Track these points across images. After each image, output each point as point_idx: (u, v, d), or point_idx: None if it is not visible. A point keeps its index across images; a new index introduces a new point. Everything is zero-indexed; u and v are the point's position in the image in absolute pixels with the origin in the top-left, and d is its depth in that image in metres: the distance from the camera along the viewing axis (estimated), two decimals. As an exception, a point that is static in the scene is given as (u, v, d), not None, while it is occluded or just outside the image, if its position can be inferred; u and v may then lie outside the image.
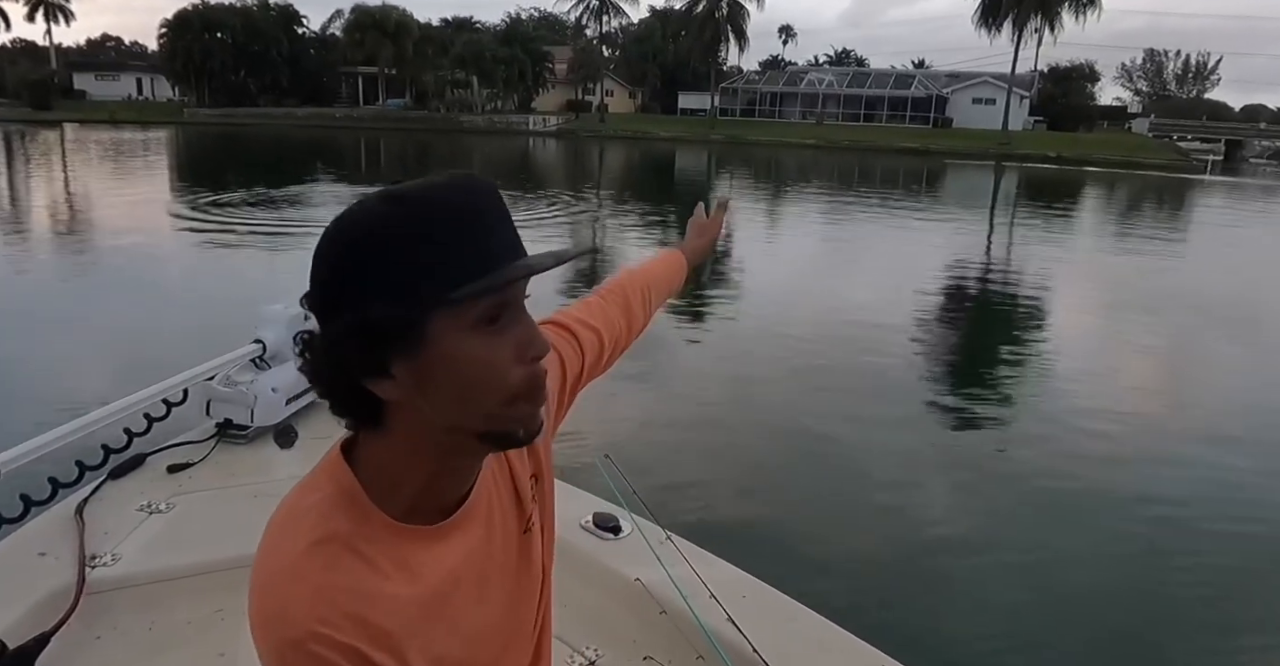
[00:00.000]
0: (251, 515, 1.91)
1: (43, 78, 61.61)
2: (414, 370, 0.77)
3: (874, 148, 46.98)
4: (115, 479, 2.16)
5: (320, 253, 0.78)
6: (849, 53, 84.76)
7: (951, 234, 18.03)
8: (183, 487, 2.16)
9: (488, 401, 0.79)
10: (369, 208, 0.77)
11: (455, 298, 0.75)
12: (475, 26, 67.11)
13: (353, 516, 0.81)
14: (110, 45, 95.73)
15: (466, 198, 0.78)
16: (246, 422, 2.40)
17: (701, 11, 59.53)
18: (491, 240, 0.78)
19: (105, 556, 1.82)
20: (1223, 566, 4.44)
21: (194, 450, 2.33)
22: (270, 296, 2.78)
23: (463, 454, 0.85)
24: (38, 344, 7.39)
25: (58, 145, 37.21)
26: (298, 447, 2.38)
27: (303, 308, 0.81)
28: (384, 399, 0.79)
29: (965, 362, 8.68)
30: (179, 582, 1.84)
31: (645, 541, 1.90)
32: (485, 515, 0.93)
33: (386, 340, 0.76)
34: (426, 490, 0.85)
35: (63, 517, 1.94)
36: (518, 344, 0.79)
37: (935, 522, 4.80)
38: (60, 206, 18.65)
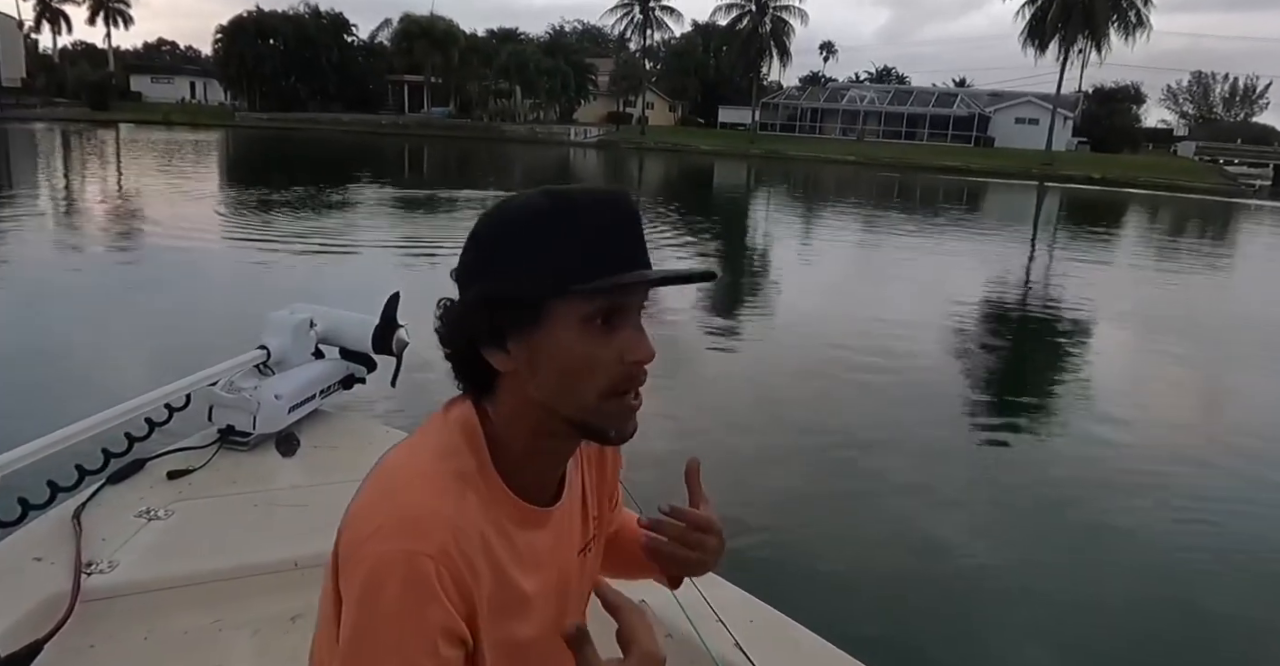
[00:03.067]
0: (251, 524, 2.06)
1: (101, 79, 63.34)
2: (527, 347, 0.85)
3: (915, 165, 46.61)
4: (114, 484, 2.12)
5: (474, 232, 0.89)
6: (890, 70, 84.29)
7: (992, 254, 17.79)
8: (182, 494, 2.12)
9: (584, 392, 0.86)
10: (526, 196, 0.87)
11: (575, 289, 0.82)
12: (520, 37, 67.81)
13: (478, 460, 0.89)
14: (166, 49, 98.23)
15: (610, 206, 0.86)
16: (249, 429, 2.37)
17: (745, 27, 59.63)
18: (621, 247, 0.86)
19: (102, 563, 1.79)
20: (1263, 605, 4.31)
21: (195, 456, 2.30)
22: (286, 300, 2.78)
23: (554, 436, 0.91)
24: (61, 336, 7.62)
25: (113, 144, 38.26)
26: (299, 456, 2.38)
27: (451, 279, 0.91)
28: (498, 370, 0.87)
29: (997, 384, 8.54)
30: (177, 592, 1.81)
31: None
32: (568, 523, 1.00)
33: (506, 314, 0.84)
34: (521, 461, 0.92)
35: (60, 522, 1.90)
36: (622, 346, 0.86)
37: (951, 546, 4.66)
38: (108, 202, 19.18)
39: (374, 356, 2.71)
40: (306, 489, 2.24)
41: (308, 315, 2.63)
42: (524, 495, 0.92)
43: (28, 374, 6.46)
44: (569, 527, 1.00)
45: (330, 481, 2.20)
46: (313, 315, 2.65)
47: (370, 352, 2.69)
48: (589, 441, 0.96)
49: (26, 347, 7.21)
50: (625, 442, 0.93)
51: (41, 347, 7.22)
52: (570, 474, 1.01)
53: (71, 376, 6.43)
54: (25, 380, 6.29)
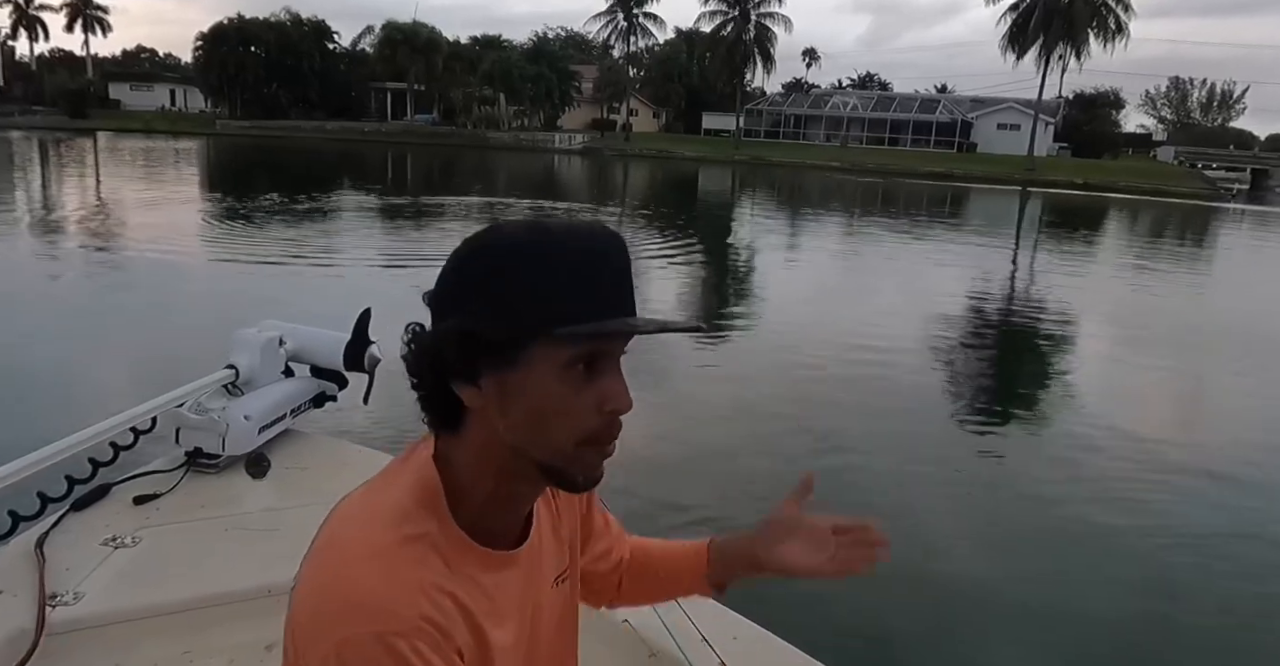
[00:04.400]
0: (222, 550, 1.99)
1: (80, 87, 62.82)
2: (500, 386, 0.82)
3: (899, 171, 46.84)
4: (78, 511, 2.05)
5: (453, 262, 0.85)
6: (873, 76, 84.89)
7: (975, 259, 17.85)
8: (150, 520, 2.06)
9: (557, 437, 0.83)
10: (510, 229, 0.83)
11: (556, 333, 0.79)
12: (503, 44, 67.74)
13: (437, 518, 0.84)
14: (145, 56, 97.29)
15: (596, 245, 0.82)
16: (217, 451, 2.31)
17: (729, 34, 59.83)
18: (607, 290, 0.82)
19: (67, 594, 1.73)
20: (1237, 606, 4.35)
21: (162, 480, 2.23)
22: (253, 317, 2.71)
23: (521, 479, 0.88)
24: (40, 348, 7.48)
25: (92, 152, 37.98)
26: (270, 477, 2.32)
27: (424, 303, 0.86)
28: (467, 406, 0.84)
29: (980, 390, 8.56)
30: (145, 623, 1.75)
31: None
32: (538, 557, 0.97)
33: (482, 351, 0.81)
34: (485, 507, 0.88)
35: (22, 553, 1.84)
36: (601, 394, 0.83)
37: (937, 560, 4.62)
38: (84, 211, 18.92)
39: (345, 373, 2.64)
40: (279, 512, 2.18)
41: (277, 333, 2.56)
42: (490, 540, 0.88)
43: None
44: (540, 561, 0.97)
45: (303, 504, 2.16)
46: (282, 332, 2.58)
47: (342, 370, 2.62)
48: (555, 488, 0.93)
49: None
50: (592, 488, 0.89)
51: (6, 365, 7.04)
52: (537, 511, 0.97)
53: (33, 397, 6.26)
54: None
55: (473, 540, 0.86)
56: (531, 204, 23.96)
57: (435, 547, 0.82)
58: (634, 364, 0.84)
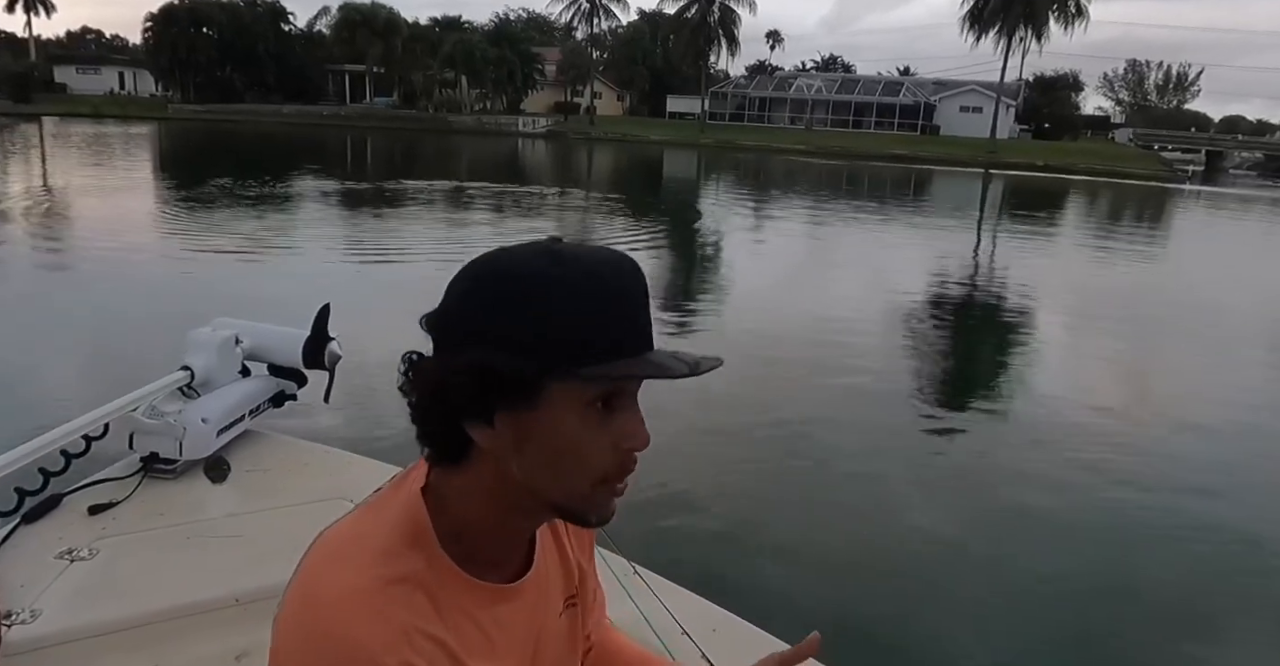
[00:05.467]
0: (185, 558, 1.93)
1: (23, 70, 60.89)
2: (516, 426, 0.77)
3: (863, 154, 47.08)
4: (29, 523, 1.97)
5: (463, 286, 0.79)
6: (836, 59, 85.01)
7: (938, 240, 18.02)
8: (106, 530, 1.98)
9: (575, 478, 0.80)
10: (527, 260, 0.78)
11: (584, 374, 0.75)
12: (464, 26, 66.83)
13: (425, 555, 0.80)
14: (91, 38, 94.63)
15: (619, 278, 0.79)
16: (174, 456, 2.23)
17: (693, 16, 59.54)
18: (632, 325, 0.79)
19: (23, 613, 1.66)
20: (1195, 579, 4.50)
21: (117, 488, 2.15)
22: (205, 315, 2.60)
23: (527, 516, 0.85)
24: None
25: (37, 139, 36.84)
26: (230, 481, 2.25)
27: (422, 328, 0.81)
28: (476, 443, 0.79)
29: (948, 374, 8.61)
30: (108, 638, 1.68)
31: (612, 574, 1.80)
32: (544, 586, 0.93)
33: (502, 390, 0.76)
34: (484, 542, 0.84)
35: None
36: (620, 432, 0.80)
37: (913, 548, 4.68)
38: (29, 200, 18.31)
39: (305, 371, 2.57)
40: (241, 517, 2.12)
41: (232, 332, 2.48)
42: (489, 573, 0.85)
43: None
44: (545, 590, 0.93)
45: (266, 507, 2.13)
46: (238, 331, 2.50)
47: (301, 368, 2.55)
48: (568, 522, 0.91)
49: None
50: (604, 525, 0.85)
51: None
52: (540, 531, 0.93)
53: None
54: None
55: (469, 574, 0.82)
56: (498, 188, 23.72)
57: (422, 587, 0.79)
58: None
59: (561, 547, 0.98)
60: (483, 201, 21.06)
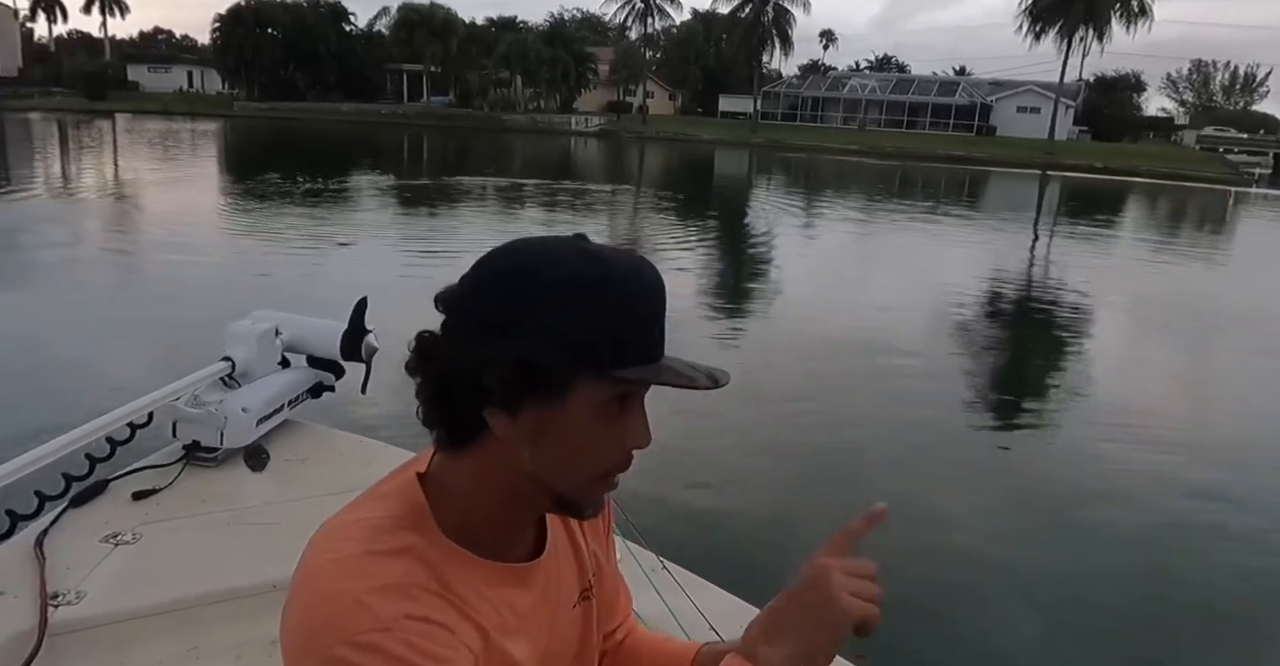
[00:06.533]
0: (224, 545, 2.01)
1: (98, 69, 63.09)
2: (538, 419, 0.78)
3: (917, 154, 46.48)
4: (76, 507, 2.01)
5: (497, 272, 0.79)
6: (890, 58, 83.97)
7: (995, 244, 17.74)
8: (149, 516, 2.02)
9: (583, 471, 0.82)
10: (568, 257, 0.78)
11: (616, 375, 0.77)
12: (519, 26, 67.44)
13: (422, 535, 0.80)
14: (162, 38, 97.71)
15: (649, 282, 0.81)
16: (216, 444, 2.28)
17: (747, 15, 59.29)
18: (656, 331, 0.81)
19: (69, 594, 1.69)
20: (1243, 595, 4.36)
21: (160, 475, 2.19)
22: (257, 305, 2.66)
23: (528, 505, 0.86)
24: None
25: (110, 134, 38.25)
26: (269, 470, 2.30)
27: (436, 307, 0.81)
28: (493, 431, 0.79)
29: (999, 376, 8.50)
30: (149, 621, 1.71)
31: (640, 569, 1.79)
32: (555, 576, 0.93)
33: (534, 384, 0.77)
34: (484, 527, 0.85)
35: (21, 552, 1.80)
36: (629, 431, 0.82)
37: (955, 550, 4.60)
38: (100, 192, 19.06)
39: (342, 363, 2.61)
40: (279, 505, 2.16)
41: (272, 323, 2.53)
42: (496, 555, 0.85)
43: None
44: (558, 579, 0.93)
45: (303, 496, 2.16)
46: (277, 323, 2.54)
47: (339, 359, 2.59)
48: (563, 515, 0.92)
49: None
50: (595, 518, 0.90)
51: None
52: (551, 520, 0.94)
53: (39, 384, 6.36)
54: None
55: (473, 554, 0.83)
56: (551, 185, 24.01)
57: (421, 560, 0.78)
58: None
59: (574, 538, 0.98)
60: (535, 198, 21.37)
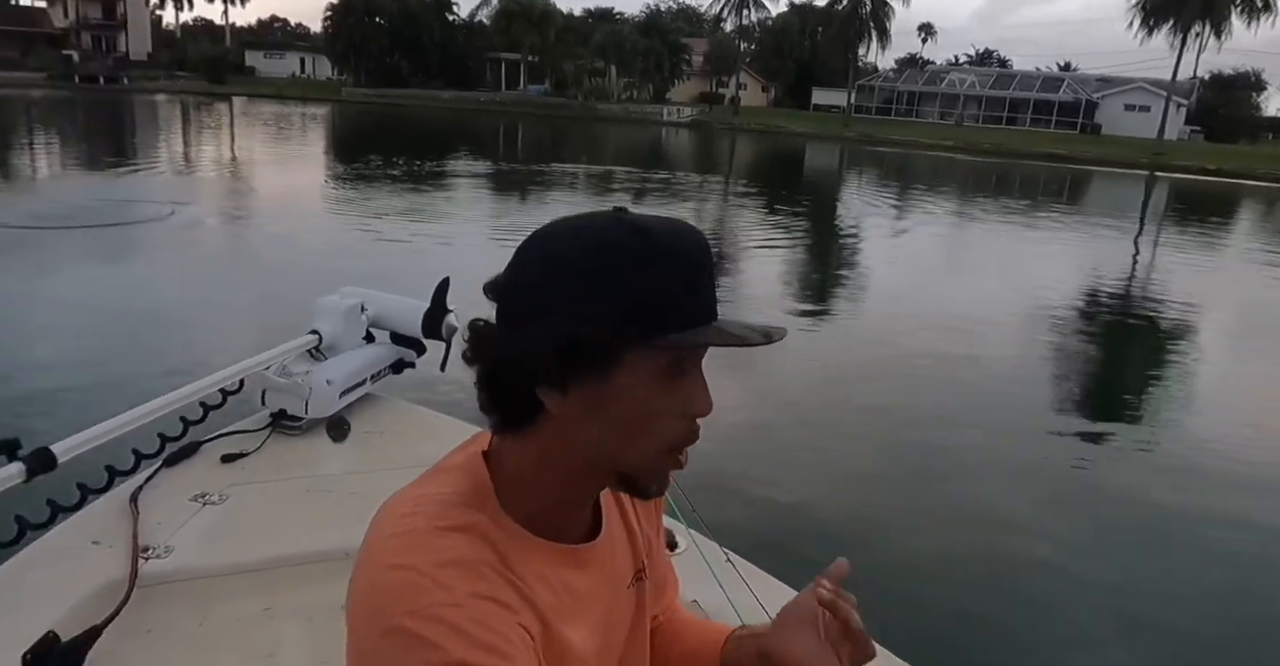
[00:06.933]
0: (303, 510, 2.10)
1: (218, 54, 66.36)
2: (590, 394, 0.78)
3: (1016, 152, 45.06)
4: (170, 466, 2.11)
5: (537, 254, 0.80)
6: (991, 53, 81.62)
7: (1095, 246, 17.10)
8: (236, 478, 2.11)
9: (643, 445, 0.80)
10: (605, 229, 0.78)
11: (662, 342, 0.76)
12: (616, 17, 68.00)
13: (486, 513, 0.81)
14: (278, 26, 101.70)
15: (692, 248, 0.80)
16: (300, 414, 2.35)
17: (844, 7, 58.43)
18: (704, 295, 0.80)
19: (158, 548, 1.77)
20: None
21: (248, 439, 2.28)
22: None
23: (588, 483, 0.86)
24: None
25: (228, 116, 40.49)
26: (349, 441, 2.37)
27: (486, 295, 0.82)
28: (548, 410, 0.79)
29: (1090, 385, 8.21)
30: (229, 579, 1.79)
31: (704, 560, 1.77)
32: (610, 558, 0.93)
33: (580, 359, 0.76)
34: (545, 508, 0.85)
35: (117, 506, 1.90)
36: (687, 399, 0.80)
37: (1035, 560, 4.41)
38: (218, 170, 20.33)
39: (424, 341, 2.69)
40: (356, 475, 2.24)
41: (358, 300, 2.61)
42: (553, 536, 0.86)
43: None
44: (613, 561, 0.94)
45: (379, 468, 2.19)
46: (363, 299, 2.63)
47: (420, 337, 2.67)
48: (627, 494, 0.91)
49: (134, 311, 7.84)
50: (660, 496, 0.88)
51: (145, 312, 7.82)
52: (605, 499, 0.94)
53: (154, 342, 6.99)
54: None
55: (532, 535, 0.83)
56: (641, 174, 24.37)
57: (485, 538, 0.79)
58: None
59: (627, 519, 0.98)
60: (625, 185, 21.72)
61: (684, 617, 1.14)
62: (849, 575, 0.93)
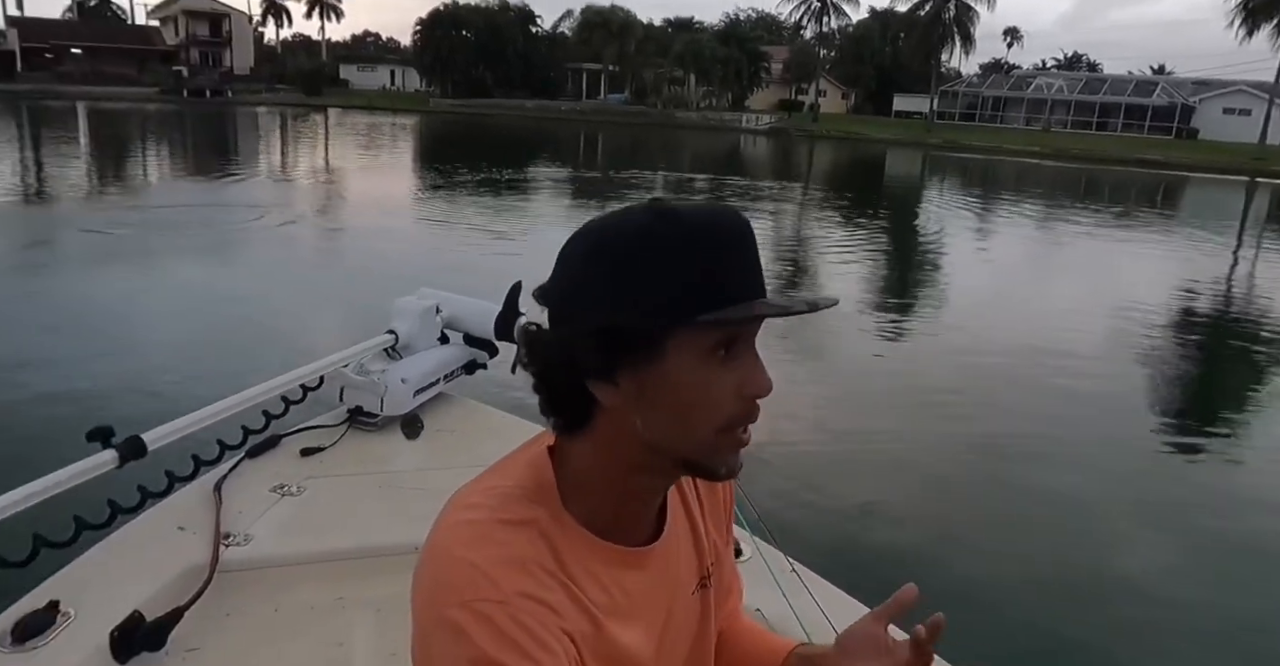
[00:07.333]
0: (376, 505, 2.16)
1: (315, 68, 69.21)
2: (640, 382, 0.78)
3: (1106, 158, 43.59)
4: (251, 458, 2.19)
5: (574, 253, 0.81)
6: (1080, 57, 79.08)
7: (1189, 254, 16.44)
8: (314, 471, 2.18)
9: (700, 428, 0.80)
10: (636, 218, 0.79)
11: (701, 320, 0.76)
12: (695, 27, 68.25)
13: (547, 508, 0.82)
14: (370, 40, 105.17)
15: (729, 227, 0.79)
16: (376, 411, 2.42)
17: (927, 13, 57.42)
18: (741, 271, 0.79)
19: (239, 536, 1.85)
20: None
21: (326, 434, 2.35)
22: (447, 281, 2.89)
23: (654, 474, 0.85)
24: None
25: (323, 126, 42.55)
26: (422, 438, 2.42)
27: (536, 300, 0.84)
28: (601, 404, 0.80)
29: (1188, 399, 7.90)
30: (304, 568, 1.85)
31: (768, 568, 1.76)
32: (673, 561, 0.93)
33: (624, 347, 0.77)
34: (608, 505, 0.85)
35: (202, 494, 1.98)
36: (741, 379, 0.79)
37: (1123, 581, 4.26)
38: (313, 176, 21.35)
39: (496, 343, 2.73)
40: (428, 472, 2.29)
41: (434, 301, 2.69)
42: (614, 536, 0.86)
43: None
44: (675, 564, 0.93)
45: (450, 466, 2.23)
46: (439, 301, 2.71)
47: (493, 339, 2.71)
48: (696, 477, 0.92)
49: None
50: (733, 478, 0.87)
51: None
52: (671, 503, 0.93)
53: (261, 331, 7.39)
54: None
55: (592, 533, 0.84)
56: (718, 180, 24.46)
57: (543, 534, 0.80)
58: (801, 347, 0.89)
59: (694, 524, 0.97)
60: (702, 192, 21.78)
61: (746, 626, 1.13)
62: (916, 600, 0.93)
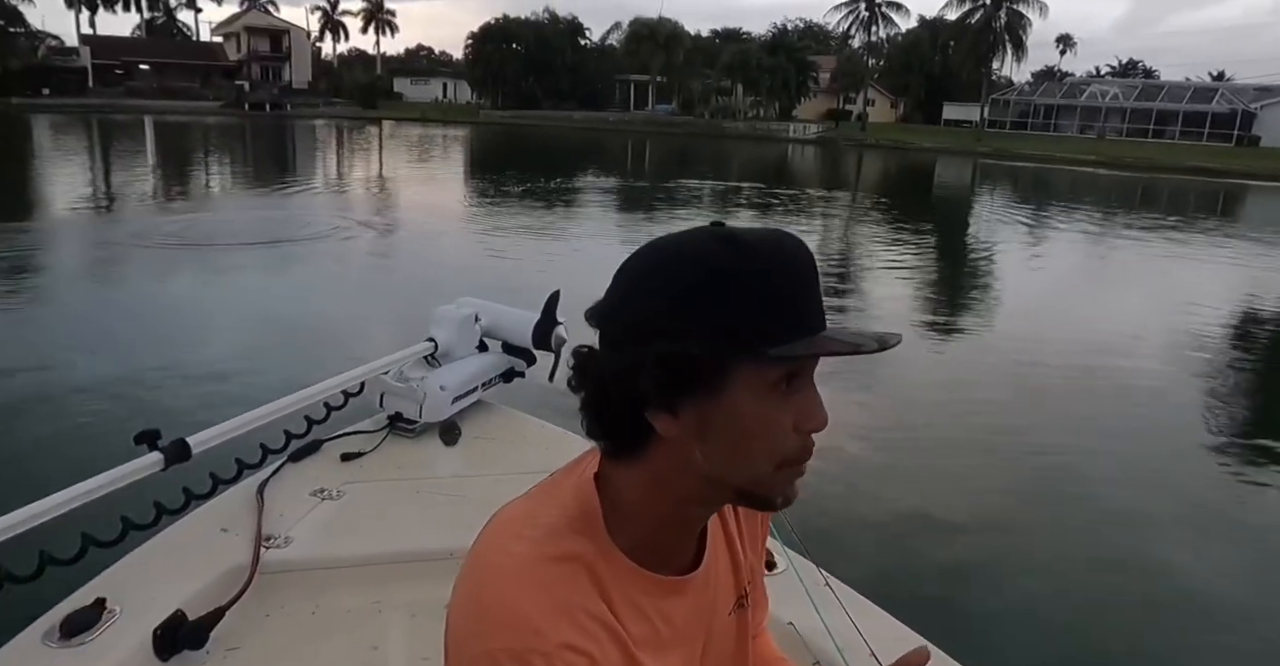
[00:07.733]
0: (414, 510, 2.20)
1: (371, 81, 70.91)
2: (701, 413, 0.77)
3: (1162, 166, 42.48)
4: (293, 462, 2.24)
5: (634, 276, 0.79)
6: (1136, 64, 77.55)
7: (1252, 265, 15.93)
8: (353, 476, 2.22)
9: (760, 462, 0.79)
10: (703, 244, 0.77)
11: (772, 355, 0.75)
12: (743, 37, 68.35)
13: (592, 540, 0.81)
14: (423, 54, 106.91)
15: (793, 259, 0.78)
16: (415, 418, 2.46)
17: (977, 21, 56.74)
18: (810, 304, 0.78)
19: (280, 538, 1.89)
20: None
21: (366, 440, 2.40)
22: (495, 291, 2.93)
23: (703, 504, 0.85)
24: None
25: (378, 137, 43.69)
26: (460, 445, 2.47)
27: (588, 322, 0.82)
28: (658, 433, 0.78)
29: (1249, 412, 7.65)
30: (343, 571, 1.89)
31: (801, 582, 1.74)
32: (713, 584, 0.92)
33: (688, 378, 0.75)
34: (654, 534, 0.84)
35: (244, 497, 2.03)
36: (800, 412, 0.78)
37: (1181, 602, 4.13)
38: (366, 186, 21.90)
39: (534, 351, 2.77)
40: (465, 479, 2.33)
41: (473, 310, 2.72)
42: (657, 565, 0.85)
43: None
44: (714, 588, 0.93)
45: (487, 473, 2.32)
46: (478, 310, 2.74)
47: (531, 348, 2.75)
48: (751, 508, 0.91)
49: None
50: (789, 507, 0.86)
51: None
52: (711, 526, 0.93)
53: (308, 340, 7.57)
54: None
55: (636, 564, 0.83)
56: (766, 189, 24.50)
57: (588, 569, 0.79)
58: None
59: (732, 545, 0.97)
60: (750, 201, 21.81)
61: (763, 646, 1.12)
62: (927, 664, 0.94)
